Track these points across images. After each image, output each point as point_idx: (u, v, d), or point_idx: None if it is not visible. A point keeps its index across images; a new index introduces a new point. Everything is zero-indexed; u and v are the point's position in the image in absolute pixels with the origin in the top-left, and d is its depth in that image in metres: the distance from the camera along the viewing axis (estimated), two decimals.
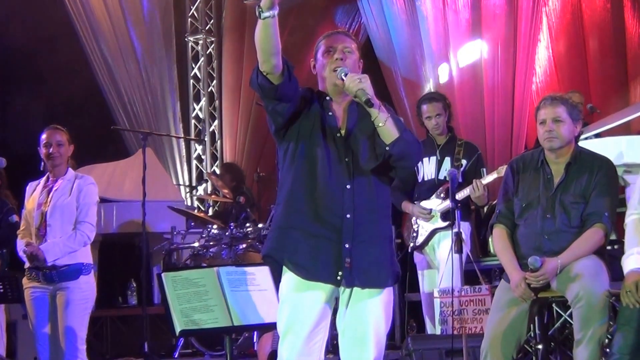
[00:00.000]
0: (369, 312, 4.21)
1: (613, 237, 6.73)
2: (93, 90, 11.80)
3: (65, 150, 6.60)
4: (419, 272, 7.64)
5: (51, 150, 6.55)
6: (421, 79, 10.76)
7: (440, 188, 7.32)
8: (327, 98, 4.34)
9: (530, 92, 10.76)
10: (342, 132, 4.30)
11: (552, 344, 6.94)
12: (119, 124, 11.66)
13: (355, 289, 4.22)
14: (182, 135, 12.72)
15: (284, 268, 4.25)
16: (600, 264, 5.25)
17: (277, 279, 4.38)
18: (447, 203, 7.07)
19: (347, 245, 4.17)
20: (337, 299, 4.30)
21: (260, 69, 4.10)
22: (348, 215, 4.18)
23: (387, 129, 4.14)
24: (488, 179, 7.11)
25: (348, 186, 4.21)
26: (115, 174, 10.21)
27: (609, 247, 5.53)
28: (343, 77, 4.15)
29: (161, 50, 12.42)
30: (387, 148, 4.15)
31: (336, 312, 4.34)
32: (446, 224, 7.23)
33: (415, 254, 7.59)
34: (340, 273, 4.17)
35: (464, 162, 7.35)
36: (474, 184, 7.08)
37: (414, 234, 7.49)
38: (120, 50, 11.98)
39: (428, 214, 7.34)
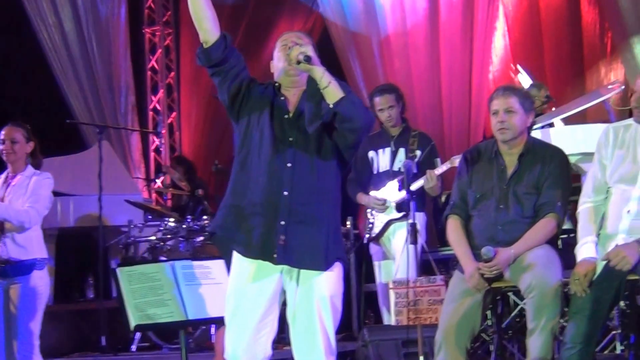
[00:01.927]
0: (315, 300, 4.27)
1: (568, 226, 6.79)
2: (49, 84, 11.72)
3: (21, 147, 6.57)
4: (375, 263, 7.68)
5: (4, 147, 6.55)
6: (378, 69, 10.76)
7: (395, 179, 7.34)
8: (277, 84, 4.48)
9: (487, 81, 10.80)
10: (291, 114, 4.41)
11: (510, 332, 7.01)
12: (76, 118, 11.58)
13: (300, 278, 4.28)
14: (140, 128, 12.66)
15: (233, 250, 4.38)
16: (553, 253, 5.30)
17: (226, 258, 4.53)
18: (402, 194, 7.11)
19: (282, 222, 4.25)
20: (285, 292, 4.35)
21: (201, 41, 4.37)
22: (285, 193, 4.26)
23: (332, 90, 4.21)
24: (441, 169, 7.14)
25: (289, 164, 4.29)
26: (72, 168, 10.13)
27: (564, 236, 5.58)
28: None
29: (116, 41, 12.34)
30: (332, 106, 4.21)
31: (285, 304, 4.38)
32: (401, 215, 7.26)
33: (371, 245, 7.62)
34: (275, 250, 4.25)
35: (418, 152, 7.37)
36: (427, 174, 7.10)
37: (370, 225, 7.52)
38: (74, 42, 11.88)
39: (382, 205, 7.37)
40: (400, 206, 7.29)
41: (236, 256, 4.39)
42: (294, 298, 4.31)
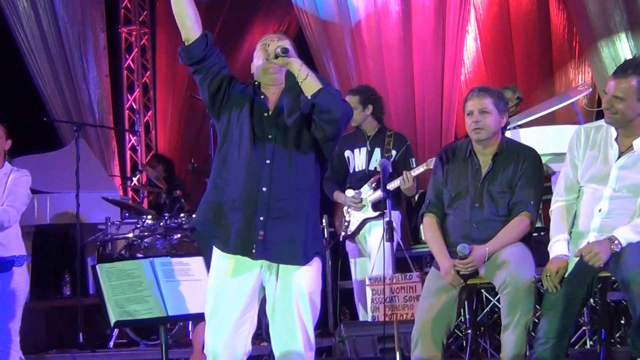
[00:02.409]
0: (294, 295, 4.31)
1: (539, 224, 6.90)
2: (26, 81, 11.71)
3: None
4: (351, 261, 7.76)
5: None
6: (352, 70, 10.83)
7: (372, 178, 7.44)
8: (257, 83, 4.51)
9: (459, 83, 10.88)
10: (270, 112, 4.45)
11: (482, 328, 7.10)
12: (53, 116, 11.58)
13: (280, 273, 4.33)
14: (116, 126, 12.66)
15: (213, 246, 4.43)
16: (527, 250, 5.37)
17: (206, 254, 4.58)
18: (378, 193, 7.20)
19: (261, 218, 4.29)
20: (264, 288, 4.40)
21: (182, 39, 4.43)
22: (264, 189, 4.30)
23: (310, 82, 4.25)
24: (417, 170, 7.23)
25: (268, 161, 4.33)
26: (49, 166, 10.10)
27: (535, 234, 5.64)
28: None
29: (94, 40, 12.34)
30: (310, 97, 4.25)
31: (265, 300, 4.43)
32: (377, 213, 7.36)
33: (347, 242, 7.72)
34: (254, 246, 4.29)
35: (393, 152, 7.47)
36: (403, 175, 7.20)
37: (346, 223, 7.61)
38: (51, 41, 11.85)
39: (359, 203, 7.46)
40: (376, 205, 7.39)
41: (216, 252, 4.43)
42: (273, 293, 4.34)
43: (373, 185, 7.42)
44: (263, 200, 4.30)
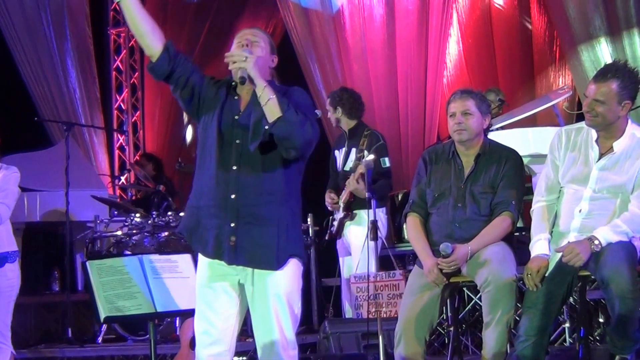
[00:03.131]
0: (271, 299, 4.32)
1: (520, 224, 6.99)
2: (15, 80, 11.75)
3: None
4: (340, 259, 7.88)
5: None
6: (337, 72, 10.89)
7: (351, 177, 7.49)
8: (233, 83, 4.42)
9: (442, 85, 10.91)
10: (240, 114, 4.40)
11: (464, 326, 7.21)
12: (42, 115, 11.62)
13: (255, 277, 4.33)
14: (104, 126, 12.73)
15: None
16: (508, 250, 5.43)
17: (195, 256, 4.60)
18: (346, 194, 7.38)
19: (232, 225, 4.29)
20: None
21: (147, 55, 4.40)
22: (232, 196, 4.29)
23: (269, 108, 4.19)
24: (357, 174, 7.34)
25: (234, 167, 4.31)
26: (38, 164, 10.12)
27: (516, 234, 5.71)
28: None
29: (81, 41, 12.41)
30: (267, 127, 4.22)
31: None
32: (343, 214, 7.55)
33: (338, 241, 7.84)
34: (226, 251, 4.31)
35: (365, 152, 7.44)
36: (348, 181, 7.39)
37: (333, 223, 7.73)
38: (41, 41, 11.89)
39: (335, 204, 7.60)
40: (347, 205, 7.51)
41: (199, 255, 4.49)
42: (251, 297, 4.37)
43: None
44: (232, 207, 4.30)
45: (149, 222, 8.62)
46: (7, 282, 6.56)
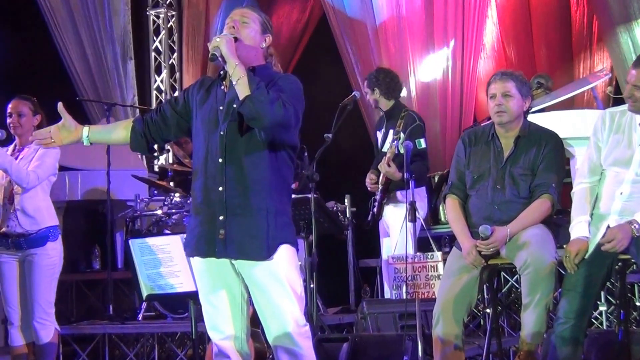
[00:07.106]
0: (268, 286, 4.28)
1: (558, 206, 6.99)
2: (56, 61, 11.86)
3: (27, 120, 6.70)
4: (381, 240, 7.91)
5: (11, 120, 6.69)
6: (373, 55, 10.89)
7: (382, 160, 7.52)
8: (222, 72, 4.38)
9: (478, 66, 10.90)
10: (224, 105, 4.37)
11: (499, 307, 7.23)
12: (82, 95, 11.70)
13: (247, 268, 4.30)
14: (145, 106, 12.77)
15: None
16: (547, 232, 5.41)
17: None
18: (381, 175, 7.41)
19: (221, 218, 4.27)
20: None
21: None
22: (220, 189, 4.28)
23: (240, 87, 4.15)
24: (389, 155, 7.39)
25: (220, 160, 4.30)
26: (79, 143, 10.19)
27: (555, 217, 5.73)
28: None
29: (121, 23, 12.48)
30: (235, 106, 4.22)
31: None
32: (381, 195, 7.59)
33: (380, 222, 7.84)
34: (216, 245, 4.29)
35: (402, 135, 7.44)
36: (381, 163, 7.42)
37: (374, 204, 7.75)
38: (81, 24, 11.98)
39: (374, 185, 7.62)
40: (386, 186, 7.54)
41: (193, 265, 4.50)
42: (249, 287, 4.35)
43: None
44: (220, 200, 4.27)
45: (188, 201, 8.63)
46: (49, 260, 6.65)
